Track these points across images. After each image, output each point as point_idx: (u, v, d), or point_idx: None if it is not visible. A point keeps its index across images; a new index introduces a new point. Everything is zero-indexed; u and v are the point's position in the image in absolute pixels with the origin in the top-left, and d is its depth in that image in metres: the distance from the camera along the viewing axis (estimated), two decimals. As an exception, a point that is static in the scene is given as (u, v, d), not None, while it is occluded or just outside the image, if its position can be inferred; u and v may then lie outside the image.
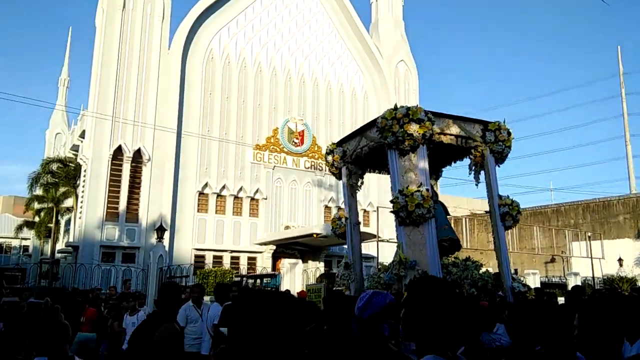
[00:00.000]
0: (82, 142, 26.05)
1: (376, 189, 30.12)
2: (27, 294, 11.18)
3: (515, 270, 28.83)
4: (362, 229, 12.30)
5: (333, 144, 10.68)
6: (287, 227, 28.33)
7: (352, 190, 10.50)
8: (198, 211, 26.86)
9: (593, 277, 23.69)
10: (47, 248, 32.74)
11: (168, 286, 4.42)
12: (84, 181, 24.79)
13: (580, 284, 22.39)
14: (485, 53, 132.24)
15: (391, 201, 8.48)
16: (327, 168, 10.78)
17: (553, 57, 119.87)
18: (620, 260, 25.76)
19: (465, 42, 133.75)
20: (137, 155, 25.24)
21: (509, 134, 9.51)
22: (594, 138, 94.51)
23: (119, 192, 24.63)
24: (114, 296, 12.11)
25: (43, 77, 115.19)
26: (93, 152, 24.17)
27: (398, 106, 8.62)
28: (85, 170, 24.69)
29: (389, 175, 9.71)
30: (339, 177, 10.63)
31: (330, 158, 10.56)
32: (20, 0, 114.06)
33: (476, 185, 9.70)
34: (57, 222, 30.87)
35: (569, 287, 20.80)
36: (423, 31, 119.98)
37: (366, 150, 9.50)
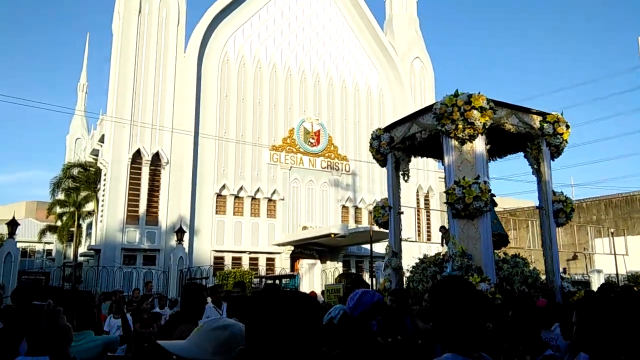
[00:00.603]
0: (101, 146, 26.43)
1: (393, 188, 29.86)
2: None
3: (564, 269, 28.46)
4: (377, 228, 12.01)
5: (380, 129, 10.21)
6: (304, 228, 28.37)
7: (397, 178, 10.08)
8: (216, 213, 27.06)
9: (617, 274, 23.25)
10: (70, 252, 33.29)
11: (190, 287, 4.44)
12: (104, 185, 25.15)
13: (604, 281, 22.01)
14: (504, 48, 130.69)
15: (446, 192, 8.18)
16: (371, 154, 10.35)
17: (573, 50, 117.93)
18: (645, 256, 25.23)
19: (483, 37, 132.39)
20: (156, 159, 25.52)
21: (567, 126, 9.07)
22: (615, 132, 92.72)
23: (138, 195, 24.93)
24: (137, 298, 12.24)
25: (62, 83, 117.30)
26: (112, 156, 24.49)
27: (459, 93, 8.26)
28: (105, 174, 25.04)
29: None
30: (383, 164, 10.19)
31: (376, 144, 10.06)
32: (38, 9, 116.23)
33: (538, 180, 9.23)
34: (79, 226, 31.36)
35: (592, 285, 20.45)
36: (438, 27, 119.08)
37: (419, 137, 9.03)
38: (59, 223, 32.83)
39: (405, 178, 10.07)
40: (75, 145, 42.43)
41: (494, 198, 9.81)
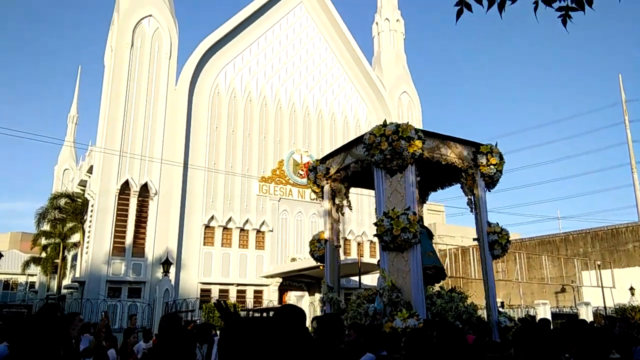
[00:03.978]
0: (89, 177, 26.32)
1: (382, 220, 29.92)
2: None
3: (502, 303, 28.27)
4: (369, 260, 11.97)
5: (316, 160, 10.06)
6: (293, 259, 28.20)
7: (334, 211, 9.83)
8: (204, 244, 26.85)
9: (605, 307, 23.28)
10: (54, 284, 32.67)
11: (168, 319, 4.35)
12: (91, 216, 24.93)
13: (592, 314, 22.02)
14: (488, 83, 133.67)
15: (375, 224, 7.94)
16: (310, 187, 10.11)
17: (555, 86, 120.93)
18: (632, 289, 25.34)
19: (467, 72, 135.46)
20: (144, 190, 25.44)
21: (500, 157, 9.09)
22: (599, 165, 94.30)
23: (125, 226, 24.72)
24: (103, 329, 11.88)
25: (52, 114, 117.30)
26: (100, 186, 24.39)
27: (387, 122, 8.20)
28: (92, 205, 24.86)
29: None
30: (321, 196, 9.96)
31: (312, 175, 9.89)
32: (29, 40, 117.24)
33: (471, 211, 9.15)
34: (64, 258, 30.90)
35: (581, 318, 20.44)
36: (425, 63, 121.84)
37: (352, 168, 8.93)
38: (43, 254, 32.35)
39: (342, 211, 9.87)
40: (63, 176, 42.16)
41: (429, 230, 9.79)
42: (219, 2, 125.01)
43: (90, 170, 26.85)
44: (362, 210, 31.23)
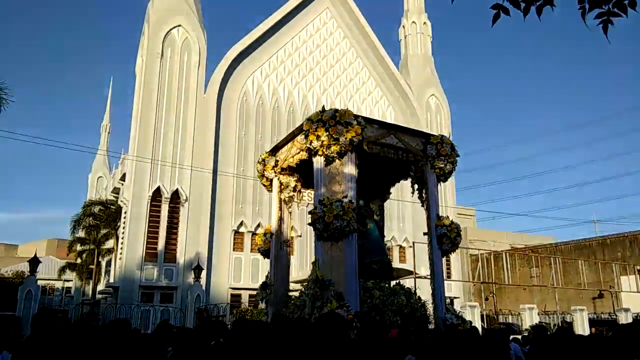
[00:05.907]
0: (122, 184, 26.90)
1: (411, 224, 29.71)
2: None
3: (451, 300, 27.19)
4: (398, 264, 11.74)
5: (267, 152, 9.72)
6: (322, 265, 28.10)
7: (283, 204, 9.46)
8: (234, 250, 27.08)
9: (646, 313, 22.44)
10: (89, 289, 33.45)
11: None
12: (124, 223, 25.44)
13: (632, 320, 21.20)
14: (520, 83, 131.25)
15: (310, 212, 7.59)
16: (259, 180, 9.81)
17: (590, 85, 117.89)
18: (674, 294, 24.38)
19: (498, 73, 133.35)
20: (175, 196, 25.84)
21: (452, 148, 8.70)
22: (637, 167, 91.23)
23: (157, 232, 25.13)
24: None
25: (86, 124, 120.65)
26: (133, 194, 24.87)
27: (325, 108, 7.90)
28: (125, 212, 25.37)
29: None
30: (270, 190, 9.65)
31: (260, 168, 9.58)
32: (64, 54, 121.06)
33: (422, 205, 8.80)
34: (98, 264, 31.60)
35: (621, 323, 19.73)
36: (454, 65, 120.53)
37: (296, 158, 8.51)
38: (78, 260, 33.13)
39: (289, 206, 9.52)
40: (97, 183, 43.27)
41: (376, 220, 9.35)
42: (245, 10, 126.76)
43: (123, 178, 27.44)
44: (390, 214, 30.99)
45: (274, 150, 9.54)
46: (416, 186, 8.92)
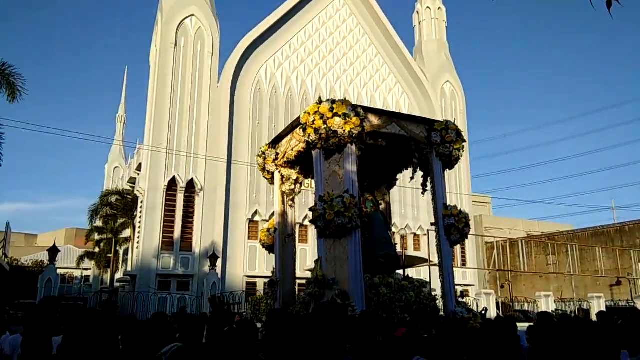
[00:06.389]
0: (138, 174, 27.16)
1: (426, 212, 29.51)
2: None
3: (462, 292, 26.76)
4: (413, 253, 11.56)
5: (267, 145, 9.45)
6: (336, 253, 28.17)
7: (285, 198, 9.29)
8: (249, 238, 27.26)
9: (665, 301, 22.14)
10: (107, 277, 34.00)
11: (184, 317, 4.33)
12: (140, 212, 25.74)
13: (651, 308, 20.95)
14: (536, 69, 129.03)
15: (310, 209, 7.38)
16: (260, 172, 9.55)
17: (607, 71, 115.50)
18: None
19: (514, 59, 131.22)
20: (190, 186, 26.04)
21: (458, 134, 8.42)
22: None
23: (173, 221, 25.39)
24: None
25: (102, 114, 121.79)
26: (149, 184, 25.12)
27: (323, 99, 7.60)
28: (141, 202, 25.66)
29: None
30: (271, 182, 9.44)
31: (261, 161, 9.37)
32: (78, 44, 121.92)
33: (422, 193, 8.61)
34: (116, 252, 32.07)
35: None
36: (470, 51, 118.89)
37: (296, 151, 8.31)
38: (96, 249, 33.65)
39: (292, 199, 9.21)
40: (113, 173, 43.74)
41: (385, 216, 9.07)
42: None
43: (138, 168, 27.71)
44: (405, 202, 30.85)
45: (274, 142, 9.32)
46: (421, 174, 8.73)
